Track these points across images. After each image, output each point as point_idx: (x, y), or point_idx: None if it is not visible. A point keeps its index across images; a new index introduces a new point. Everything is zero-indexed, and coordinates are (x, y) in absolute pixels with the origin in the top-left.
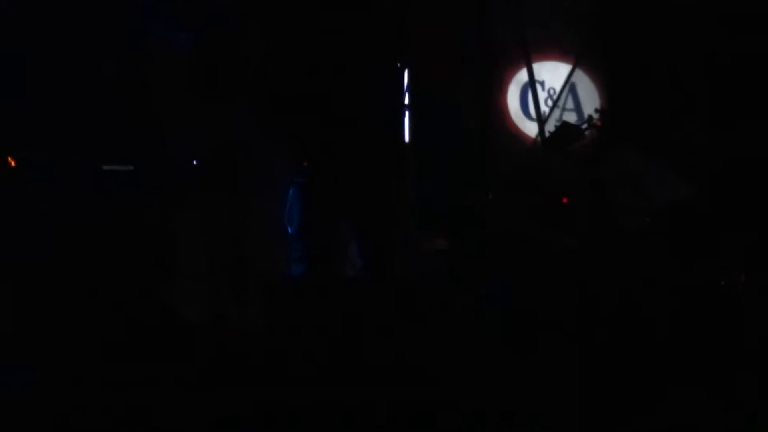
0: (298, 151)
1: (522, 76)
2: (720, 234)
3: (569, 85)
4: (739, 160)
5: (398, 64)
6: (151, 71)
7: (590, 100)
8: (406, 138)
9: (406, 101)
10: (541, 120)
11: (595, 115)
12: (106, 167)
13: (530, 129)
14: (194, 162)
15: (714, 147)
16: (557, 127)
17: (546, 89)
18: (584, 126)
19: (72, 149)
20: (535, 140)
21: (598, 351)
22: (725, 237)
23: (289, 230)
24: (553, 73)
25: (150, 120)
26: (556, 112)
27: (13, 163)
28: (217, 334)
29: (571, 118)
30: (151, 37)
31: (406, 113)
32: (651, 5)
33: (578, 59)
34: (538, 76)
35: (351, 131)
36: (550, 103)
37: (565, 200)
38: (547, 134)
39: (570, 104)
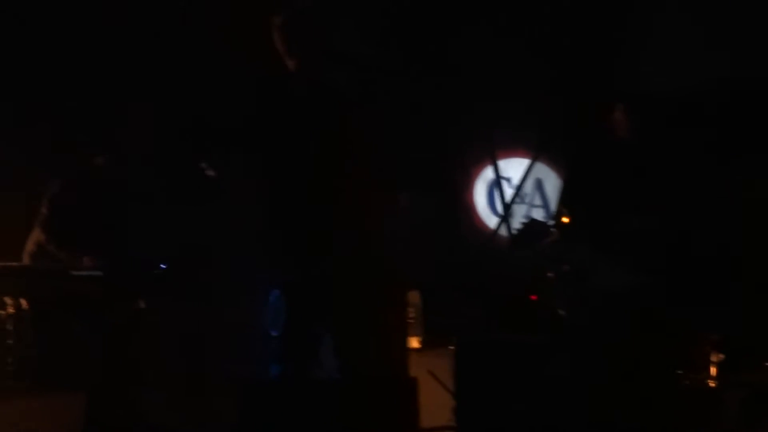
0: (283, 254)
1: (489, 173)
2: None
3: (536, 181)
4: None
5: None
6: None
7: (557, 196)
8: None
9: None
10: (507, 217)
11: (563, 212)
12: (74, 273)
13: (497, 226)
14: (162, 266)
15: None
16: (524, 224)
17: (513, 186)
18: (551, 223)
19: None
20: (497, 236)
21: None
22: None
23: (273, 333)
24: (519, 170)
25: (120, 224)
26: (524, 209)
27: None
28: None
29: (538, 214)
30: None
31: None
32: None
33: (540, 155)
34: (504, 173)
35: (336, 240)
36: (517, 199)
37: (533, 297)
38: (514, 232)
39: (537, 201)
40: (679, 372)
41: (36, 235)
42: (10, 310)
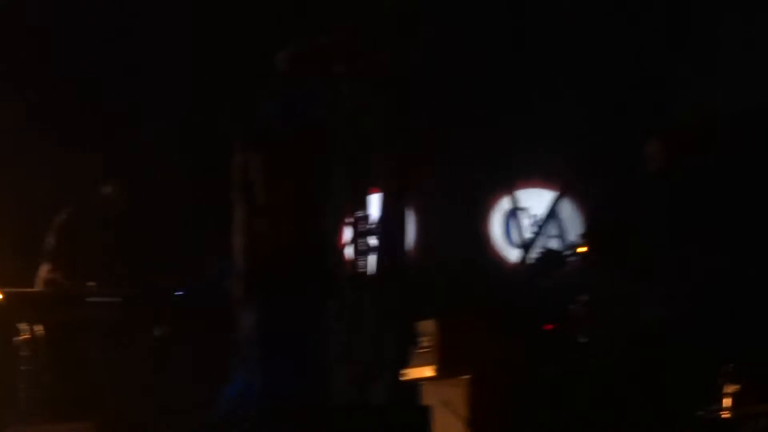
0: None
1: (505, 203)
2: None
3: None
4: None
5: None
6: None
7: (574, 225)
8: None
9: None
10: (525, 247)
11: (580, 241)
12: (90, 299)
13: (513, 256)
14: (179, 293)
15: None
16: (541, 254)
17: (530, 216)
18: (567, 253)
19: None
20: (516, 267)
21: None
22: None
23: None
24: (536, 200)
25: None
26: (539, 239)
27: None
28: None
29: (554, 244)
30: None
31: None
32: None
33: (567, 192)
34: (521, 203)
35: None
36: (534, 230)
37: (549, 327)
38: (531, 262)
39: (553, 230)
40: (694, 404)
41: (46, 263)
42: (26, 336)
